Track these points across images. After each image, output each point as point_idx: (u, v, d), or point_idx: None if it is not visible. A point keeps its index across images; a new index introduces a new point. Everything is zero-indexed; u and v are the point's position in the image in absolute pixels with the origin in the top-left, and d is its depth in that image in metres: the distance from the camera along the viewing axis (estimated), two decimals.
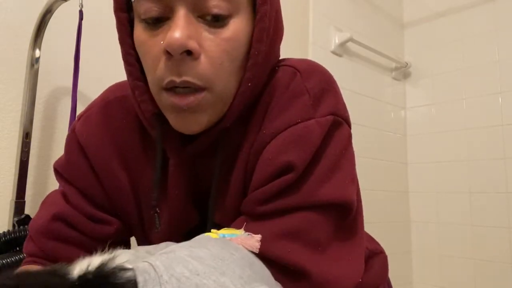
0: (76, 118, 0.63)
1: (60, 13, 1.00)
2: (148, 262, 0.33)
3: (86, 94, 1.09)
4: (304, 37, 1.74)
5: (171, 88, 0.47)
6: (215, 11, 0.46)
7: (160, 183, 0.55)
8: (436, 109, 2.14)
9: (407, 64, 2.21)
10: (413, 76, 2.26)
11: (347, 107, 0.54)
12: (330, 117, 0.49)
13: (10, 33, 0.99)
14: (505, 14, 1.93)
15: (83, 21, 1.01)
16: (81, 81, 1.02)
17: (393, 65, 2.19)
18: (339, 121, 0.51)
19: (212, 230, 0.45)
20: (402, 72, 2.26)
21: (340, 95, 0.54)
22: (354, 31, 1.92)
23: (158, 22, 0.47)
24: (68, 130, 1.01)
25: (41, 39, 0.98)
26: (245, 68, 0.50)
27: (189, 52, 0.45)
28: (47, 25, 0.98)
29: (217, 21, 0.46)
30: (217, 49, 0.46)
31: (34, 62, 0.97)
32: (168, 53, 0.45)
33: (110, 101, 0.61)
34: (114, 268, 0.31)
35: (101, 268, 0.31)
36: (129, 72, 0.52)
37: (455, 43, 2.09)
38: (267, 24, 0.49)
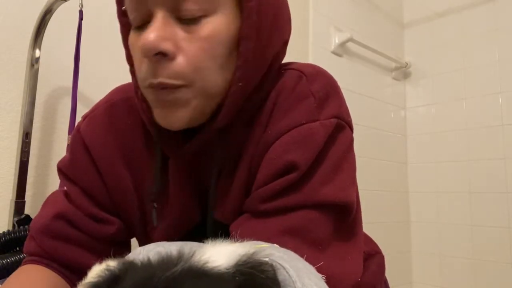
0: (81, 118, 0.64)
1: (60, 13, 1.00)
2: (279, 263, 0.32)
3: (86, 94, 1.09)
4: (304, 37, 1.74)
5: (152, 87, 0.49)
6: (189, 11, 0.46)
7: (162, 182, 0.56)
8: (436, 109, 2.14)
9: (407, 64, 2.21)
10: (413, 76, 2.26)
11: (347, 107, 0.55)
12: (334, 120, 0.50)
13: (10, 33, 0.99)
14: (505, 14, 1.93)
15: (83, 21, 1.01)
16: (81, 81, 1.02)
17: (393, 65, 2.19)
18: (342, 125, 0.52)
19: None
20: (402, 72, 2.26)
21: (344, 99, 0.55)
22: (354, 31, 1.92)
23: (144, 25, 0.48)
24: (68, 131, 1.02)
25: (41, 39, 0.98)
26: (235, 66, 0.50)
27: (164, 53, 0.46)
28: (47, 25, 0.98)
29: (193, 20, 0.47)
30: (194, 48, 0.47)
31: (34, 62, 0.97)
32: (145, 55, 0.47)
33: (115, 102, 0.61)
34: (262, 262, 0.30)
35: (250, 262, 0.30)
36: (132, 73, 0.53)
37: (455, 43, 2.09)
38: (255, 20, 0.48)
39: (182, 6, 0.46)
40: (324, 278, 0.40)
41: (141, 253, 0.39)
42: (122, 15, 0.52)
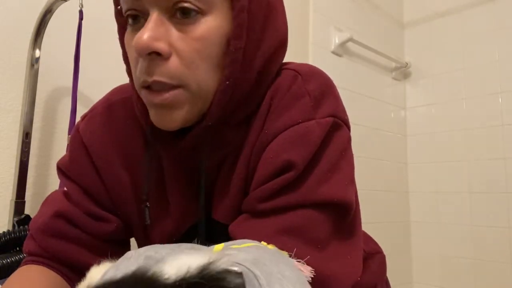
0: (80, 118, 0.64)
1: (60, 13, 1.00)
2: (250, 270, 0.30)
3: (86, 94, 1.09)
4: (304, 37, 1.74)
5: (148, 86, 0.48)
6: (185, 10, 0.46)
7: (157, 182, 0.56)
8: (436, 109, 2.14)
9: (407, 64, 2.21)
10: (413, 76, 2.26)
11: (347, 107, 0.55)
12: (330, 119, 0.50)
13: (10, 33, 0.99)
14: (505, 14, 1.93)
15: (83, 21, 1.01)
16: (81, 81, 1.02)
17: (393, 65, 2.19)
18: (339, 123, 0.52)
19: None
20: (402, 72, 2.26)
21: (340, 98, 0.55)
22: (354, 31, 1.92)
23: (136, 22, 0.49)
24: (68, 131, 1.02)
25: (41, 39, 0.98)
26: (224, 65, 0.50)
27: (158, 53, 0.46)
28: (47, 25, 0.98)
29: (188, 18, 0.47)
30: (187, 49, 0.47)
31: (34, 62, 0.97)
32: (139, 55, 0.47)
33: (114, 102, 0.62)
34: (223, 271, 0.28)
35: (208, 269, 0.28)
36: (128, 72, 0.54)
37: (455, 43, 2.09)
38: (245, 19, 0.48)
39: (177, 5, 0.46)
40: (315, 276, 0.40)
41: (132, 256, 0.39)
42: (119, 15, 0.53)
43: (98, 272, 0.46)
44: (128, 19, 0.49)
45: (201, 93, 0.49)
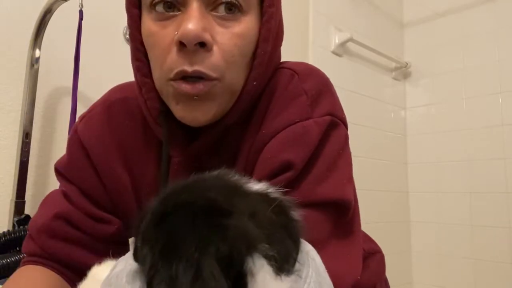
0: (78, 119, 0.63)
1: (60, 13, 1.00)
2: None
3: (86, 94, 1.09)
4: (304, 37, 1.74)
5: (180, 78, 0.48)
6: (232, 6, 0.48)
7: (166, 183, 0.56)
8: (436, 109, 2.14)
9: (407, 64, 2.21)
10: (413, 76, 2.26)
11: (347, 107, 0.55)
12: (327, 118, 0.50)
13: (10, 33, 0.99)
14: (505, 14, 1.93)
15: (83, 21, 1.01)
16: (81, 81, 1.02)
17: (393, 65, 2.19)
18: (336, 122, 0.52)
19: None
20: (402, 72, 2.26)
21: (337, 97, 0.55)
22: (354, 31, 1.92)
23: (169, 11, 0.48)
24: (68, 131, 1.02)
25: (41, 39, 0.98)
26: (251, 66, 0.51)
27: (202, 44, 0.46)
28: (47, 25, 0.98)
29: (229, 14, 0.48)
30: (229, 43, 0.48)
31: (34, 62, 0.97)
32: (181, 44, 0.46)
33: (112, 102, 0.61)
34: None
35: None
36: (137, 68, 0.52)
37: (455, 43, 2.09)
38: (273, 25, 0.52)
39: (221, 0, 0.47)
40: None
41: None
42: (134, 6, 0.52)
43: (100, 270, 0.46)
44: (156, 6, 0.48)
45: (232, 88, 0.50)
